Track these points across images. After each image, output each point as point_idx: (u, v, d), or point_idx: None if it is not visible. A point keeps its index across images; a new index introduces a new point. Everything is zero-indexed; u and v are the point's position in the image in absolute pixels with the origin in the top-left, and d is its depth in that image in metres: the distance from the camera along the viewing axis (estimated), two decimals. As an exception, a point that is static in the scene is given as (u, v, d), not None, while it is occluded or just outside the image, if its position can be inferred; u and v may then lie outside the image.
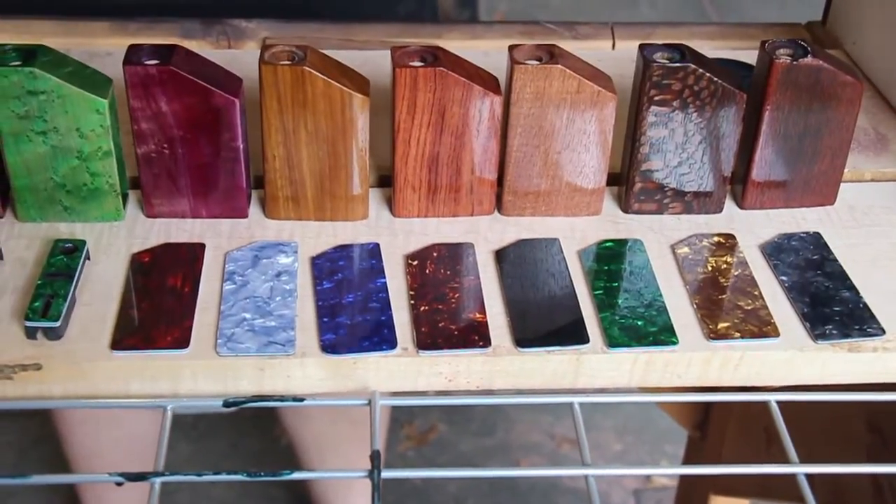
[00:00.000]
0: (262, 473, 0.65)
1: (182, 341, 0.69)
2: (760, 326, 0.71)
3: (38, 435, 1.82)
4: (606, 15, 2.92)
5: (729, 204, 0.82)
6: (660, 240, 0.79)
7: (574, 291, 0.74)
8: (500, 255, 0.77)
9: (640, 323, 0.72)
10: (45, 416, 1.63)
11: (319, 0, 1.12)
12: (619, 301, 0.73)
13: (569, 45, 0.89)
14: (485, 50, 0.97)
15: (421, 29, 1.03)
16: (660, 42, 0.76)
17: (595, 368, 0.71)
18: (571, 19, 0.95)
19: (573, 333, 0.71)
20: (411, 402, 0.69)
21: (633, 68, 0.82)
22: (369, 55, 0.93)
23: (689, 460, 1.36)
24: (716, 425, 1.22)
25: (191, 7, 1.03)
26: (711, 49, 0.96)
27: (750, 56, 0.97)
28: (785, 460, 0.66)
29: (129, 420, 1.50)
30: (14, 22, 0.99)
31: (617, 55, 0.99)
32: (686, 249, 0.78)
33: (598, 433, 1.96)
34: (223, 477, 0.64)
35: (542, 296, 0.74)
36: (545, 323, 0.72)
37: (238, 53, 0.98)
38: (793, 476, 0.66)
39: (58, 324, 0.68)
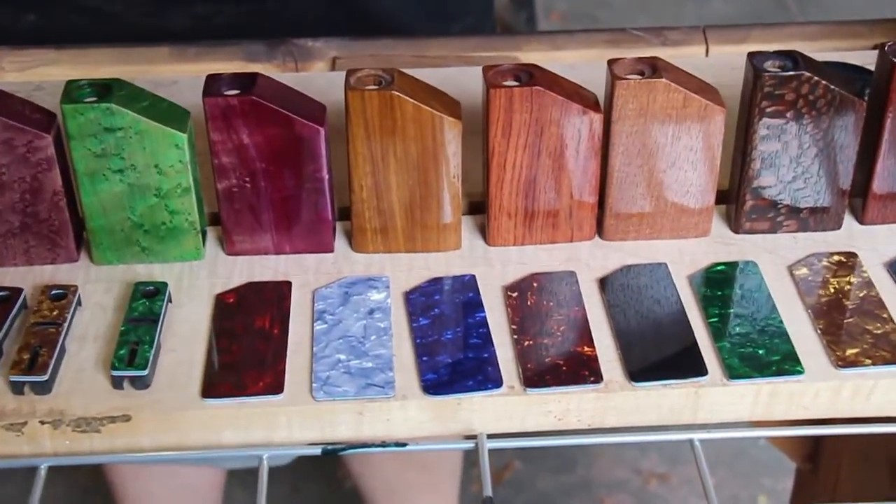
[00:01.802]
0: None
1: (276, 387, 0.71)
2: (893, 352, 0.72)
3: (86, 485, 1.86)
4: (673, 10, 2.93)
5: (848, 219, 0.83)
6: (775, 261, 0.80)
7: (687, 319, 0.75)
8: (605, 284, 0.78)
9: (761, 352, 0.73)
10: (97, 465, 1.66)
11: (377, 18, 1.14)
12: (737, 328, 0.74)
13: (658, 53, 0.91)
14: (570, 62, 0.99)
15: (498, 42, 1.05)
16: (770, 49, 0.77)
17: (715, 402, 0.72)
18: (634, 16, 0.96)
19: (690, 365, 0.72)
20: (521, 444, 0.71)
21: (731, 75, 0.84)
22: (448, 73, 0.95)
23: (798, 496, 1.36)
24: (829, 457, 1.22)
25: (247, 28, 1.05)
26: (813, 51, 0.97)
27: (855, 57, 0.98)
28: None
29: (184, 471, 1.52)
30: (70, 52, 1.02)
31: (712, 62, 1.01)
32: (805, 270, 0.79)
33: (687, 467, 1.96)
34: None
35: (652, 325, 0.75)
36: (658, 355, 0.73)
37: (308, 76, 1.00)
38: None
39: (145, 372, 0.70)
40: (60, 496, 1.87)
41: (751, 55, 0.77)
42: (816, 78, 0.75)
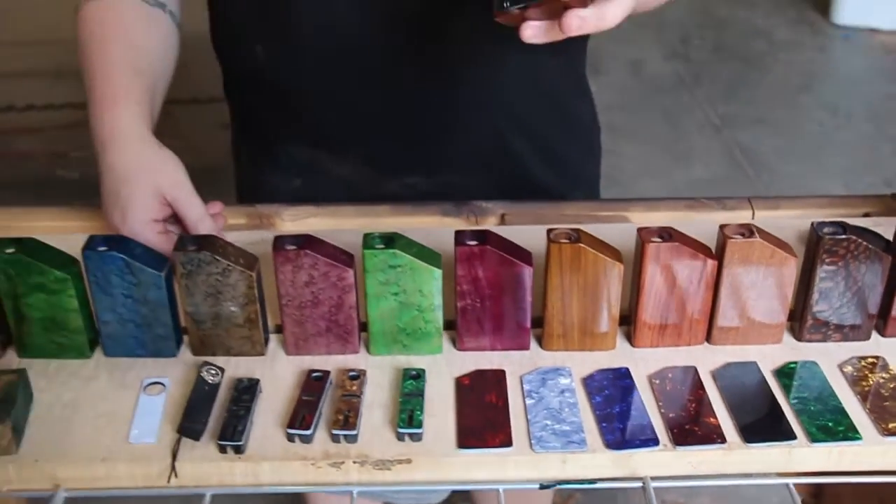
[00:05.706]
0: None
1: (507, 442, 0.76)
2: (923, 426, 0.77)
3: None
4: (666, 173, 3.00)
5: (875, 334, 0.88)
6: (828, 361, 0.85)
7: (776, 400, 0.80)
8: (716, 375, 0.83)
9: (830, 423, 0.78)
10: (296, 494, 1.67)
11: (531, 188, 1.18)
12: (811, 407, 0.79)
13: (720, 215, 0.98)
14: (665, 221, 1.05)
15: (611, 205, 1.11)
16: (826, 220, 0.83)
17: (803, 458, 0.76)
18: (641, 177, 1.00)
19: (784, 432, 0.77)
20: (679, 484, 0.76)
21: (773, 231, 0.90)
22: (594, 228, 1.02)
23: (802, 524, 1.38)
24: (832, 493, 1.25)
25: (441, 193, 1.11)
26: (824, 216, 1.03)
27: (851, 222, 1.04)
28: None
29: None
30: (326, 208, 1.08)
31: (759, 222, 1.07)
32: (850, 368, 0.84)
33: (697, 499, 1.97)
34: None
35: (753, 403, 0.80)
36: (761, 424, 0.78)
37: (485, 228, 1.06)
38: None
39: (421, 430, 0.76)
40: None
41: (814, 224, 0.83)
42: (859, 240, 0.82)
